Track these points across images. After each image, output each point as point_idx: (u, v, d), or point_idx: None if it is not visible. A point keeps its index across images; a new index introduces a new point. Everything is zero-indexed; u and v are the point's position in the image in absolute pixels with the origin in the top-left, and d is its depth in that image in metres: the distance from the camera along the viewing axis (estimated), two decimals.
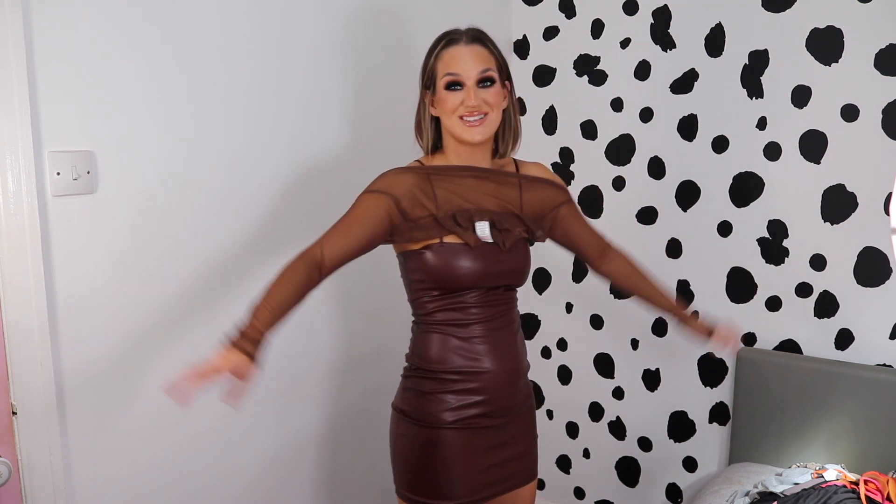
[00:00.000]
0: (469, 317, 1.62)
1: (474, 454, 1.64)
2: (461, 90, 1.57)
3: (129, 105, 1.65)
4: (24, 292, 1.49)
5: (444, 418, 1.61)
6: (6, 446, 1.50)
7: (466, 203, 1.61)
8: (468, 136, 1.58)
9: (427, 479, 1.64)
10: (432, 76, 1.61)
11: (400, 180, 1.59)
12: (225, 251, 1.89)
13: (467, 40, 1.60)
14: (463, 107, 1.57)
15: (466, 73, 1.57)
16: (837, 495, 1.86)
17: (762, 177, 2.33)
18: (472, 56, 1.58)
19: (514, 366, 1.67)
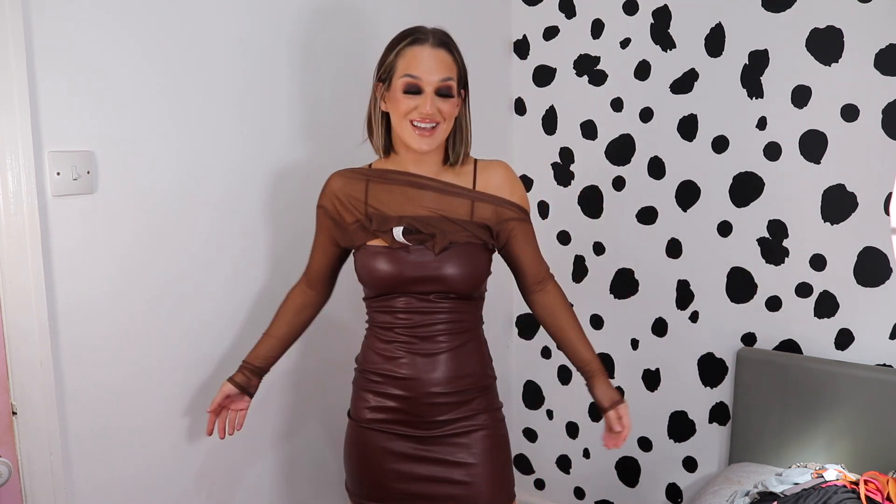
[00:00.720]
0: (394, 321, 1.59)
1: (392, 458, 1.61)
2: (418, 95, 1.51)
3: (130, 105, 1.65)
4: (24, 292, 1.49)
5: (364, 415, 1.64)
6: (6, 446, 1.50)
7: (392, 208, 1.59)
8: (415, 145, 1.53)
9: (354, 473, 1.69)
10: (390, 71, 1.54)
11: (329, 189, 1.65)
12: (225, 250, 1.89)
13: (434, 43, 1.54)
14: (416, 112, 1.51)
15: (427, 78, 1.51)
16: (837, 495, 1.86)
17: (762, 177, 2.33)
18: (436, 61, 1.52)
19: (437, 379, 1.57)
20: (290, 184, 2.04)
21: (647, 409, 2.65)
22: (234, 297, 1.92)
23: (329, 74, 2.11)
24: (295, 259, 2.07)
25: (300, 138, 2.06)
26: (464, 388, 1.60)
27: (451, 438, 1.61)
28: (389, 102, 1.55)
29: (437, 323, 1.58)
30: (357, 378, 1.69)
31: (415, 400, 1.58)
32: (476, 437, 1.61)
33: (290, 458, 2.13)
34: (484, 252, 1.62)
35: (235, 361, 1.95)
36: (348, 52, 2.16)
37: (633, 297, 2.64)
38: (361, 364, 1.68)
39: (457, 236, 1.57)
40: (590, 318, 2.74)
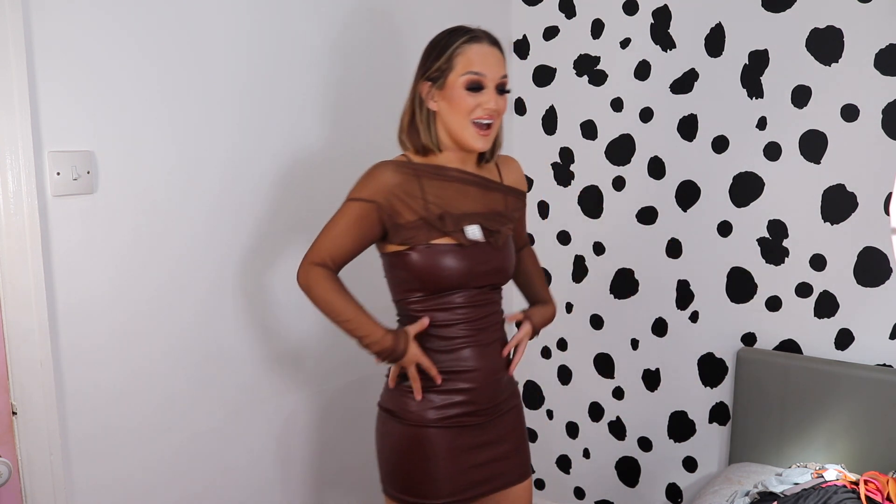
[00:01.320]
0: (454, 317, 1.60)
1: (458, 453, 1.63)
2: (482, 92, 1.54)
3: (130, 105, 1.65)
4: (24, 292, 1.49)
5: (428, 416, 1.61)
6: (6, 446, 1.50)
7: (454, 205, 1.60)
8: (476, 144, 1.57)
9: (411, 477, 1.64)
10: (445, 69, 1.54)
11: (383, 184, 1.56)
12: (225, 250, 1.89)
13: (490, 41, 1.57)
14: (481, 109, 1.54)
15: (491, 75, 1.54)
16: (837, 495, 1.86)
17: (762, 177, 2.33)
18: (497, 59, 1.56)
19: (498, 364, 1.66)
20: (290, 183, 2.04)
21: (647, 409, 2.65)
22: (235, 296, 1.92)
23: (330, 73, 2.11)
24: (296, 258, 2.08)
25: (300, 138, 2.06)
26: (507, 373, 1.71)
27: (497, 420, 1.68)
28: (445, 101, 1.56)
29: (491, 313, 1.66)
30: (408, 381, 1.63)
31: (482, 390, 1.63)
32: (512, 414, 1.73)
33: (290, 459, 2.13)
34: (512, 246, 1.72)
35: (236, 361, 1.95)
36: (349, 52, 2.16)
37: (633, 297, 2.64)
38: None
39: (505, 230, 1.66)
40: (590, 318, 2.74)
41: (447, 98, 1.55)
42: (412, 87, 1.62)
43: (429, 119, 1.60)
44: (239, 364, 1.95)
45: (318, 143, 2.11)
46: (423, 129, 1.60)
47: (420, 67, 1.61)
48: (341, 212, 1.59)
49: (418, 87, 1.60)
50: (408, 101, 1.63)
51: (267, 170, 1.98)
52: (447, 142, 1.60)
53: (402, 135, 1.64)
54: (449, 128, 1.58)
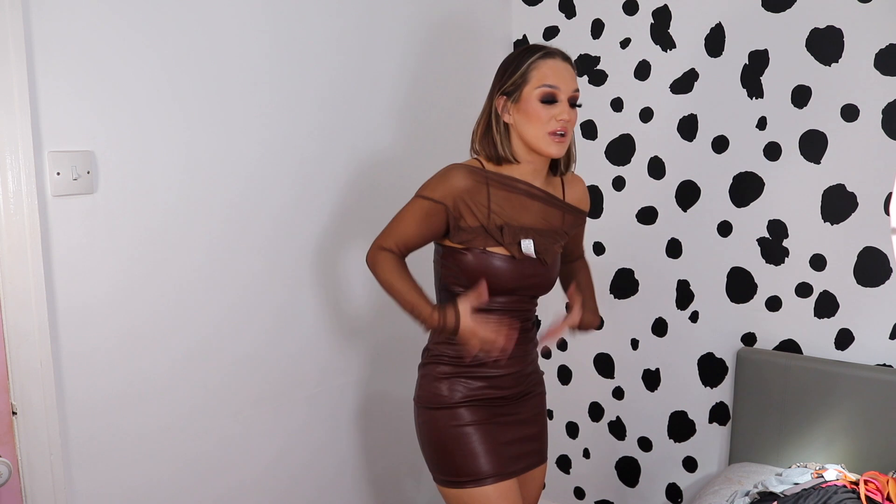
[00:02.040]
0: (492, 316, 1.68)
1: (492, 427, 1.72)
2: (555, 105, 1.62)
3: (130, 104, 1.65)
4: (24, 292, 1.49)
5: (455, 397, 1.72)
6: (6, 446, 1.50)
7: (515, 218, 1.68)
8: (553, 150, 1.64)
9: (454, 459, 1.71)
10: (520, 83, 1.64)
11: (454, 188, 1.64)
12: (226, 250, 1.89)
13: (563, 57, 1.66)
14: (555, 121, 1.62)
15: (565, 88, 1.63)
16: (837, 495, 1.86)
17: (762, 177, 2.33)
18: (569, 73, 1.65)
19: (523, 362, 1.77)
20: (303, 184, 2.04)
21: (647, 409, 2.65)
22: (235, 296, 1.92)
23: (335, 73, 2.11)
24: (305, 261, 2.08)
25: (315, 137, 2.06)
26: (533, 362, 1.83)
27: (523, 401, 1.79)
28: (520, 113, 1.64)
29: (526, 320, 1.78)
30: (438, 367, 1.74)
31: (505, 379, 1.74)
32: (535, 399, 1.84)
33: (296, 466, 2.12)
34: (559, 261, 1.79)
35: (245, 368, 1.96)
36: (349, 52, 2.16)
37: (633, 297, 2.64)
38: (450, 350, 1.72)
39: (556, 248, 1.75)
40: None
41: (522, 111, 1.64)
42: (487, 101, 1.71)
43: (505, 131, 1.68)
44: (245, 370, 1.95)
45: (334, 144, 2.11)
46: (499, 140, 1.68)
47: (496, 82, 1.70)
48: (410, 207, 1.68)
49: (494, 101, 1.69)
50: (482, 114, 1.72)
51: (280, 170, 1.98)
52: (521, 153, 1.68)
53: (476, 145, 1.73)
54: (525, 138, 1.66)
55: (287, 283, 2.05)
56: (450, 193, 1.64)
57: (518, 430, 1.77)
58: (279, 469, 2.09)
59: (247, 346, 1.96)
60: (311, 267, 2.10)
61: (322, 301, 2.15)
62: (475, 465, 1.69)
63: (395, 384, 2.38)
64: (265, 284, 1.99)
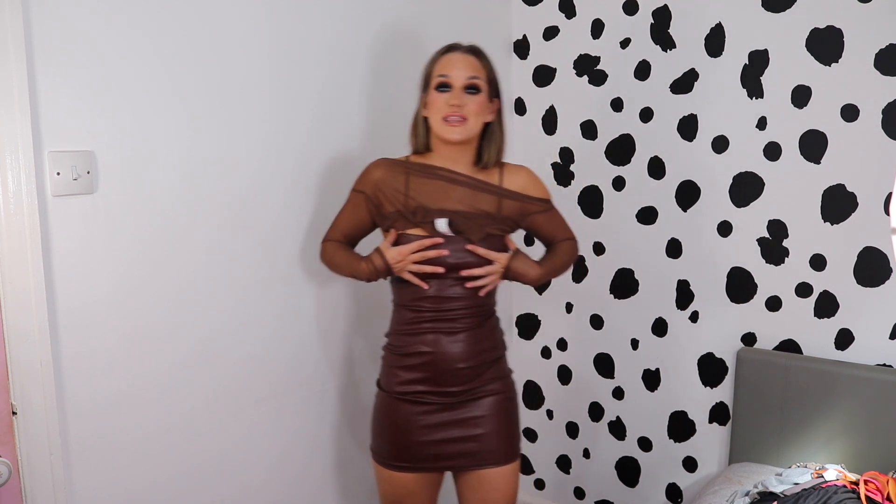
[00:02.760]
0: (420, 302, 1.80)
1: (421, 426, 1.82)
2: (448, 91, 1.74)
3: (130, 105, 1.65)
4: (24, 292, 1.48)
5: (395, 389, 1.84)
6: (6, 446, 1.50)
7: (435, 202, 1.79)
8: (447, 135, 1.75)
9: (382, 441, 1.88)
10: (428, 78, 1.80)
11: (372, 178, 1.83)
12: (226, 250, 1.88)
13: (464, 50, 1.79)
14: (447, 106, 1.73)
15: (456, 75, 1.75)
16: (837, 495, 1.86)
17: (762, 177, 2.33)
18: (464, 62, 1.76)
19: (462, 354, 1.81)
20: (304, 184, 2.04)
21: (647, 409, 2.65)
22: (235, 296, 1.92)
23: (335, 73, 2.11)
24: (309, 261, 2.08)
25: (315, 138, 2.06)
26: (479, 362, 1.84)
27: (469, 403, 1.84)
28: (429, 106, 1.79)
29: (461, 307, 1.81)
30: (385, 354, 1.90)
31: (439, 372, 1.81)
32: (488, 400, 1.85)
33: (297, 466, 2.12)
34: (499, 242, 1.83)
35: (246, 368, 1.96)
36: (349, 52, 2.16)
37: (633, 297, 2.64)
38: (389, 340, 1.89)
39: (489, 229, 1.79)
40: (590, 318, 2.74)
41: (429, 102, 1.79)
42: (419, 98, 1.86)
43: (422, 124, 1.83)
44: (246, 370, 1.95)
45: (335, 143, 2.11)
46: (418, 132, 1.84)
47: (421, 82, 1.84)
48: (348, 201, 1.89)
49: (420, 98, 1.84)
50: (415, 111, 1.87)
51: (280, 169, 1.98)
52: (435, 142, 1.82)
53: (410, 138, 1.88)
54: (432, 128, 1.79)
55: (288, 283, 2.05)
56: (369, 183, 1.83)
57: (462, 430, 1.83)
58: (280, 469, 2.09)
59: (248, 346, 1.96)
60: (312, 267, 2.10)
61: (323, 300, 2.15)
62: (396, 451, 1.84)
63: None
64: (266, 284, 1.99)
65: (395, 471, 1.86)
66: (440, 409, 1.82)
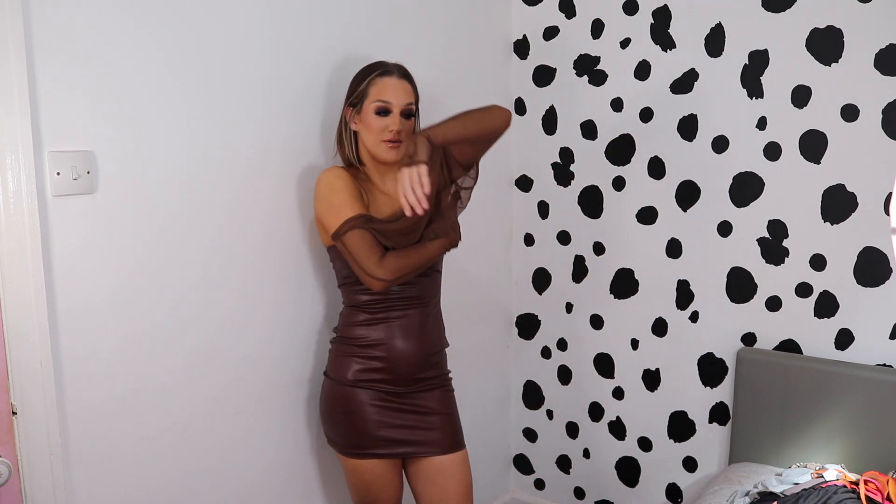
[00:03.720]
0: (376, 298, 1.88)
1: (376, 411, 1.90)
2: (388, 116, 1.85)
3: (130, 104, 1.65)
4: (23, 292, 1.48)
5: (349, 377, 1.91)
6: (6, 446, 1.50)
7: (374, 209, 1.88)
8: (386, 156, 1.86)
9: (339, 427, 1.94)
10: (362, 97, 1.87)
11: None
12: (226, 251, 1.88)
13: (398, 75, 1.88)
14: (387, 131, 1.84)
15: (396, 101, 1.85)
16: (837, 495, 1.86)
17: (762, 177, 2.33)
18: (402, 89, 1.86)
19: (418, 346, 1.91)
20: (304, 184, 2.03)
21: (647, 409, 2.65)
22: (236, 296, 1.92)
23: (336, 73, 2.11)
24: (310, 260, 2.08)
25: (316, 138, 2.06)
26: (430, 351, 1.95)
27: (421, 393, 1.94)
28: (361, 123, 1.88)
29: (417, 298, 1.92)
30: (338, 346, 1.96)
31: (397, 365, 1.90)
32: (437, 392, 1.97)
33: (296, 468, 2.12)
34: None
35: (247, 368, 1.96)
36: (350, 52, 2.16)
37: (633, 297, 2.64)
38: (342, 333, 1.95)
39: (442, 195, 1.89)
40: (590, 317, 2.74)
41: (363, 121, 1.87)
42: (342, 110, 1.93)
43: (352, 138, 1.93)
44: (246, 370, 1.95)
45: (327, 144, 2.11)
46: (347, 146, 1.94)
47: (347, 95, 1.92)
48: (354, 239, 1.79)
49: (344, 111, 1.92)
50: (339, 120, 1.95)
51: (280, 169, 1.98)
52: (367, 157, 1.92)
53: (336, 146, 1.97)
54: (366, 146, 1.89)
55: (288, 284, 2.05)
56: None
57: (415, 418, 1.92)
58: (280, 469, 2.09)
59: (248, 347, 1.96)
60: (312, 267, 2.10)
61: (323, 301, 2.15)
62: (354, 436, 1.91)
63: None
64: (266, 285, 1.99)
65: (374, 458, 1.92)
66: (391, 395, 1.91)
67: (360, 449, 1.92)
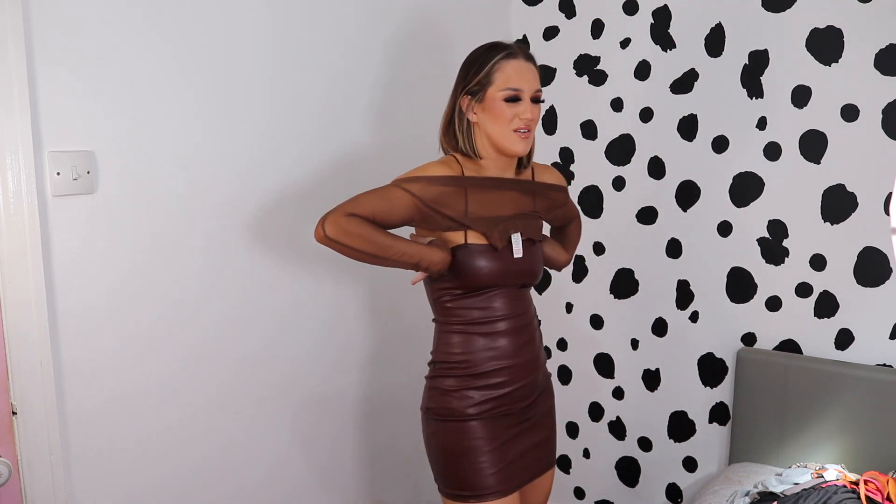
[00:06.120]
0: (492, 314, 1.71)
1: (501, 442, 1.71)
2: (519, 104, 1.66)
3: (130, 105, 1.65)
4: (23, 292, 1.49)
5: (468, 411, 1.70)
6: (6, 446, 1.50)
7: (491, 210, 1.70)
8: (518, 148, 1.68)
9: (460, 472, 1.71)
10: (484, 84, 1.66)
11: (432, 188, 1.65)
12: (226, 251, 1.88)
13: (525, 57, 1.68)
14: (518, 119, 1.66)
15: (528, 88, 1.66)
16: (837, 495, 1.86)
17: (762, 177, 2.33)
18: (532, 73, 1.68)
19: (533, 358, 1.76)
20: (304, 184, 2.04)
21: (647, 409, 2.65)
22: (236, 296, 1.92)
23: (336, 73, 2.11)
24: (309, 261, 2.08)
25: (316, 138, 2.06)
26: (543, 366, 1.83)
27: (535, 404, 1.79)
28: (486, 112, 1.67)
29: (524, 311, 1.76)
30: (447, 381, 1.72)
31: (519, 383, 1.73)
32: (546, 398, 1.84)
33: (296, 469, 2.12)
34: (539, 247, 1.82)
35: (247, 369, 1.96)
36: (350, 52, 2.16)
37: (633, 297, 2.64)
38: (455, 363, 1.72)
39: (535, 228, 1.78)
40: (590, 318, 2.74)
41: (488, 110, 1.67)
42: (451, 98, 1.73)
43: (468, 129, 1.71)
44: (247, 372, 1.95)
45: (334, 145, 2.11)
46: (462, 138, 1.72)
47: (459, 81, 1.72)
48: (386, 191, 1.64)
49: (459, 100, 1.71)
50: (447, 110, 1.75)
51: (285, 171, 1.98)
52: (487, 149, 1.71)
53: (443, 139, 1.77)
54: (491, 137, 1.69)
55: (288, 284, 2.05)
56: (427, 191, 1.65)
57: (528, 439, 1.77)
58: (280, 471, 2.09)
59: (248, 348, 1.96)
60: (312, 268, 2.10)
61: (324, 301, 2.15)
62: (480, 481, 1.69)
63: (396, 384, 2.38)
64: (266, 285, 1.99)
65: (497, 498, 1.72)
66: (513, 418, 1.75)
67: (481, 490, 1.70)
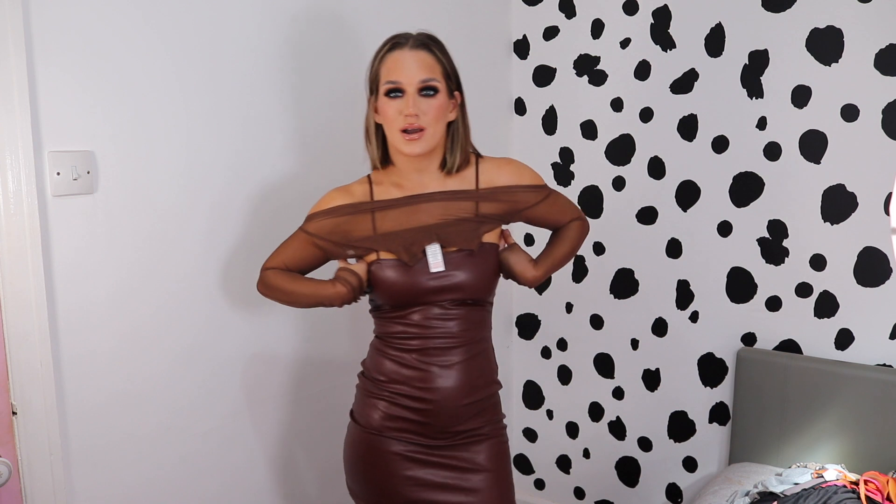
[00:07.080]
0: (409, 332, 1.57)
1: (402, 466, 1.58)
2: (401, 97, 1.50)
3: (130, 105, 1.65)
4: (23, 292, 1.49)
5: (375, 423, 1.60)
6: (6, 446, 1.50)
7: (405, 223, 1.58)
8: (407, 150, 1.51)
9: (362, 479, 1.64)
10: (375, 81, 1.55)
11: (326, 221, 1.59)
12: (226, 251, 1.89)
13: (413, 45, 1.52)
14: (401, 116, 1.49)
15: (407, 79, 1.49)
16: (837, 495, 1.86)
17: (762, 177, 2.33)
18: (416, 62, 1.50)
19: (459, 387, 1.57)
20: (304, 184, 2.04)
21: (647, 409, 2.65)
22: (235, 296, 1.92)
23: (336, 73, 2.11)
24: None
25: (317, 138, 2.06)
26: (478, 398, 1.60)
27: (463, 446, 1.60)
28: (380, 112, 1.55)
29: (456, 334, 1.57)
30: (366, 385, 1.65)
31: (431, 410, 1.56)
32: (485, 444, 1.62)
33: (293, 465, 2.12)
34: (493, 255, 1.61)
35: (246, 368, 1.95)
36: (350, 52, 2.16)
37: (633, 297, 2.64)
38: (371, 372, 1.64)
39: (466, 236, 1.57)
40: (590, 318, 2.74)
41: (380, 109, 1.54)
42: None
43: (377, 132, 1.59)
44: (245, 370, 1.95)
45: (322, 148, 2.11)
46: (372, 141, 1.60)
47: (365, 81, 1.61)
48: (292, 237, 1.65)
49: (368, 101, 1.60)
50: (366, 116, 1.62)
51: (277, 170, 1.98)
52: (398, 154, 1.57)
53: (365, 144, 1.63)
54: (388, 138, 1.56)
55: None
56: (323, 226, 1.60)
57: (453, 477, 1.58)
58: (279, 468, 2.09)
59: (248, 346, 1.96)
60: None
61: None
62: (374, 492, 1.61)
63: None
64: None
65: None
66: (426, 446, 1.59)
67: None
